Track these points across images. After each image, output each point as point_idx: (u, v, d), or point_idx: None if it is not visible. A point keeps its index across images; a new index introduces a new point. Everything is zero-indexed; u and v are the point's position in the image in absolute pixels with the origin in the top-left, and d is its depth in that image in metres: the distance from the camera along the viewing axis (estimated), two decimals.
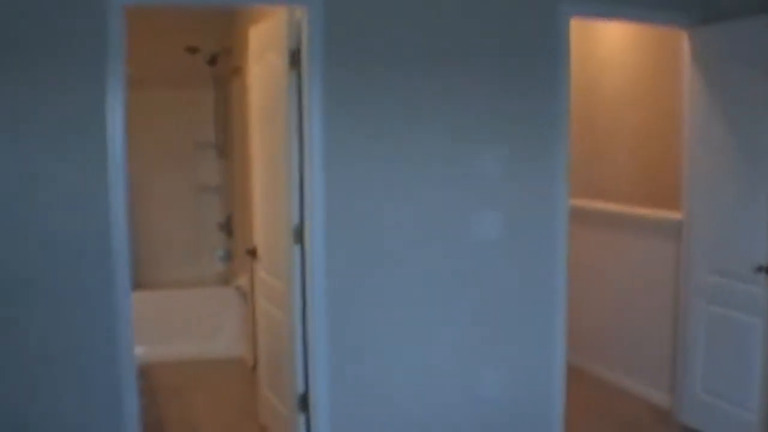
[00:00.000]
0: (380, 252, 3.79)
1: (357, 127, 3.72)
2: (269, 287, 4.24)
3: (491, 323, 4.02)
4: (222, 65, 6.65)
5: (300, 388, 3.87)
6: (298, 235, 3.77)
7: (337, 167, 3.69)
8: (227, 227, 6.81)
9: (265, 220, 4.32)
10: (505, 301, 4.03)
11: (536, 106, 3.99)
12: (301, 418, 3.87)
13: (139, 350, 6.25)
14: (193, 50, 6.61)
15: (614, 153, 5.83)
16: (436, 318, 3.92)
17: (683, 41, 4.46)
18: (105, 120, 3.39)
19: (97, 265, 3.40)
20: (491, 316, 4.02)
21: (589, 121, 5.99)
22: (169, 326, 6.34)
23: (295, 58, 3.73)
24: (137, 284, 6.73)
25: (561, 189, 4.07)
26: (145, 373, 5.94)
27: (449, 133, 3.86)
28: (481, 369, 4.02)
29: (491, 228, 3.97)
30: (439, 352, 3.95)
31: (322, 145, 3.67)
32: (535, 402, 4.16)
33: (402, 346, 3.88)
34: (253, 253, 4.48)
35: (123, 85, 3.42)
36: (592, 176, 5.97)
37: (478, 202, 3.95)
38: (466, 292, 3.96)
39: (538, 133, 4.01)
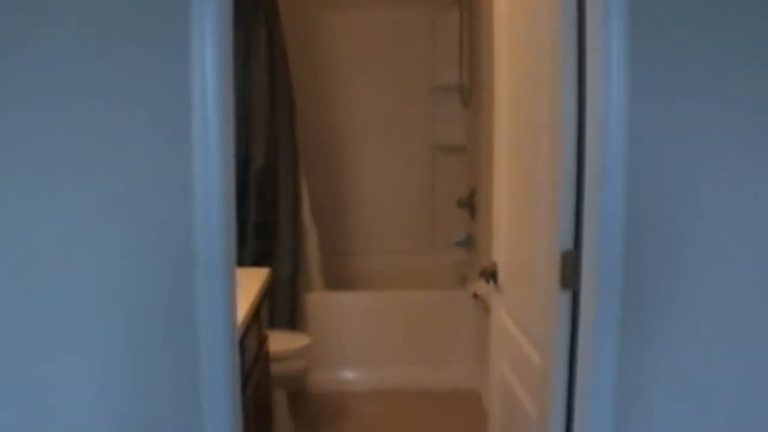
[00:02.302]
0: (716, 317, 2.10)
1: (687, 73, 2.02)
2: (513, 345, 2.67)
3: None
4: None
5: None
6: (569, 274, 2.15)
7: (650, 147, 2.03)
8: (469, 204, 5.30)
9: (512, 226, 2.73)
10: None
11: None
12: None
13: (344, 375, 5.03)
14: None
15: None
16: None
17: None
18: (189, 76, 1.97)
19: (171, 281, 2.05)
20: None
21: None
22: (382, 342, 4.98)
23: None
24: (341, 281, 5.46)
25: None
26: (346, 406, 4.65)
27: None
28: None
29: None
30: None
31: (622, 104, 2.01)
32: None
33: None
34: (491, 275, 2.92)
35: (226, 24, 2.00)
36: None
37: None
38: None
39: None
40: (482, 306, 4.67)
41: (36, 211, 2.00)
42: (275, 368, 4.13)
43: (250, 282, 3.47)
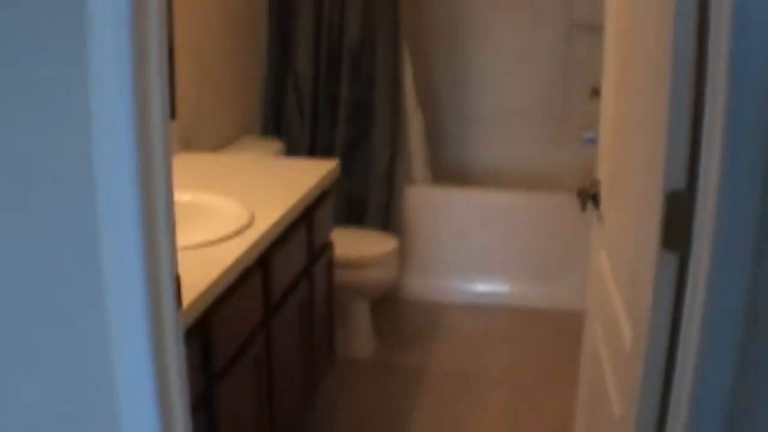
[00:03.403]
0: None
1: None
2: (607, 304, 1.88)
3: None
4: None
5: None
6: (676, 229, 1.33)
7: None
8: None
9: (615, 136, 1.90)
10: None
11: None
12: None
13: (441, 283, 4.32)
14: None
15: None
16: None
17: None
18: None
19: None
20: None
21: None
22: (489, 249, 4.24)
23: None
24: (451, 174, 4.71)
25: None
26: (440, 319, 4.01)
27: None
28: None
29: None
30: None
31: None
32: None
33: None
34: (591, 198, 2.12)
35: None
36: None
37: None
38: None
39: None
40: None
41: None
42: (355, 276, 3.52)
43: (298, 180, 2.78)
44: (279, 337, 2.48)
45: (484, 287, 4.21)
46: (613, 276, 1.82)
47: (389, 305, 4.10)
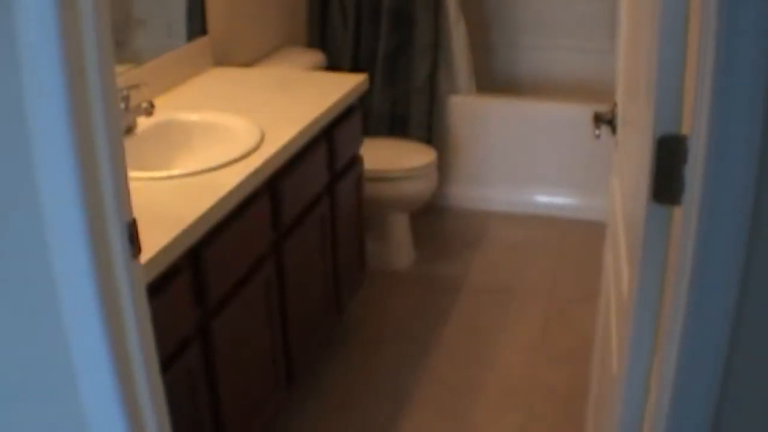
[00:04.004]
0: None
1: None
2: (616, 233, 1.68)
3: None
4: None
5: None
6: (667, 179, 1.11)
7: None
8: None
9: (628, 62, 1.66)
10: None
11: None
12: None
13: (483, 193, 4.13)
14: None
15: None
16: None
17: None
18: None
19: None
20: None
21: None
22: (534, 159, 4.01)
23: None
24: (498, 83, 4.45)
25: None
26: (481, 228, 3.86)
27: None
28: None
29: None
30: None
31: None
32: None
33: None
34: (608, 123, 1.89)
35: None
36: None
37: None
38: None
39: None
40: None
41: None
42: (392, 188, 3.38)
43: (320, 96, 2.60)
44: (294, 259, 2.36)
45: (526, 198, 4.01)
46: (622, 210, 1.62)
47: (431, 216, 3.95)
